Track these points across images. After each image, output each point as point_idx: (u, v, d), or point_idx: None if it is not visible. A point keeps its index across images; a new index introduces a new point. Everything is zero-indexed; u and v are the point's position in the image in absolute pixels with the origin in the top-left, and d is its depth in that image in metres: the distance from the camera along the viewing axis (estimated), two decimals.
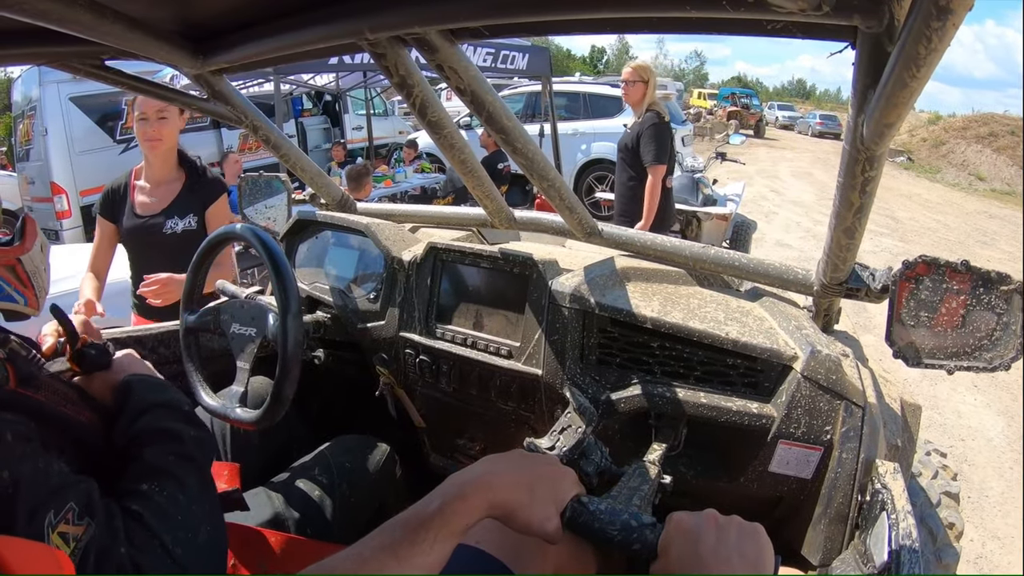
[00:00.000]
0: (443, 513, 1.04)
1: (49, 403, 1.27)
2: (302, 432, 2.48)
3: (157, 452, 1.32)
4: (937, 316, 1.51)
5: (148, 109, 3.29)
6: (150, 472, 1.28)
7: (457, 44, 1.40)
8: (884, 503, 1.45)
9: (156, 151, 3.40)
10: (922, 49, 0.79)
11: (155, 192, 3.49)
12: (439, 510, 1.04)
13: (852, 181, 1.27)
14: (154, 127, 3.32)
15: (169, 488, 1.26)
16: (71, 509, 1.06)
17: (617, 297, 1.95)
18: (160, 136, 3.36)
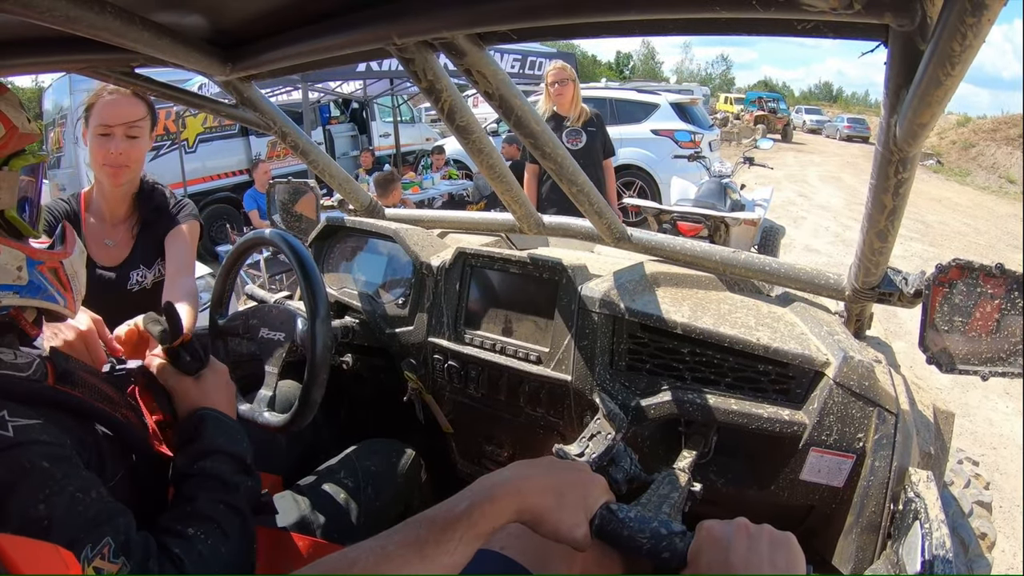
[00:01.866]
0: (471, 514, 1.03)
1: (87, 400, 1.29)
2: (329, 436, 2.48)
3: (209, 500, 1.33)
4: (971, 321, 1.48)
5: (114, 122, 2.47)
6: (198, 518, 1.29)
7: (485, 48, 1.40)
8: (917, 512, 1.42)
9: (120, 180, 2.58)
10: (956, 46, 0.78)
11: (112, 234, 2.70)
12: (467, 511, 1.04)
13: (885, 183, 1.26)
14: (120, 148, 2.50)
15: (214, 537, 1.28)
16: (107, 544, 1.08)
17: (647, 302, 1.95)
18: (128, 161, 2.55)
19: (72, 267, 1.43)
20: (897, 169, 1.21)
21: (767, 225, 8.88)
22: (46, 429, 1.12)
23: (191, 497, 1.33)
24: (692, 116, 13.83)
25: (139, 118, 2.51)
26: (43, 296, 1.35)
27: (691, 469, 1.70)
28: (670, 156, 12.41)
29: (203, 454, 1.41)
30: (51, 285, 1.37)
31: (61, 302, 1.39)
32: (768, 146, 11.10)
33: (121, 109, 2.47)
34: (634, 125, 12.97)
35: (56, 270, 1.38)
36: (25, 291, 1.31)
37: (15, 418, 1.09)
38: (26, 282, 1.31)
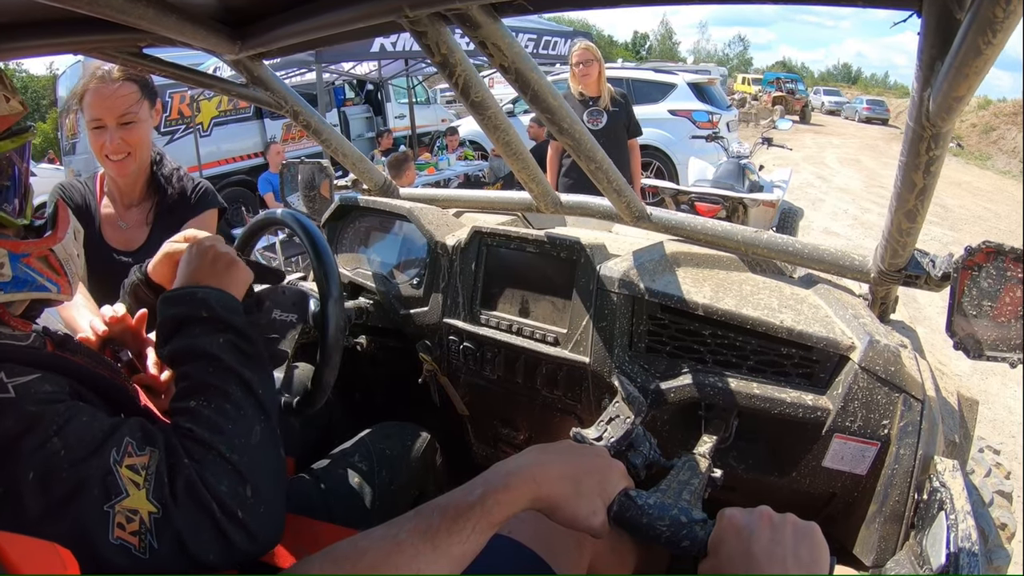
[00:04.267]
0: (485, 503, 1.02)
1: (87, 365, 1.30)
2: (343, 418, 2.47)
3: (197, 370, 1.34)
4: (1000, 306, 1.44)
5: (105, 114, 2.42)
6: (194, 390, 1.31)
7: (500, 20, 1.36)
8: (942, 502, 1.39)
9: (125, 169, 2.54)
10: (1000, 11, 0.74)
11: (126, 216, 2.68)
12: (481, 499, 1.02)
13: (916, 160, 1.22)
14: (117, 137, 2.45)
15: (216, 400, 1.29)
16: (129, 443, 1.11)
17: (667, 283, 1.91)
18: (129, 148, 2.50)
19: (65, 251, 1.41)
20: (929, 146, 1.17)
21: (785, 207, 8.86)
22: (46, 380, 1.14)
23: (183, 375, 1.34)
24: (710, 96, 13.82)
25: (130, 105, 2.44)
26: (31, 288, 1.34)
27: (711, 454, 1.66)
28: (687, 136, 12.44)
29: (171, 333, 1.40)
30: (40, 275, 1.36)
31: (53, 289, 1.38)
32: (787, 127, 11.08)
33: (109, 100, 2.41)
34: (651, 105, 12.94)
35: (46, 257, 1.37)
36: (10, 286, 1.30)
37: (14, 377, 1.10)
38: (10, 278, 1.30)
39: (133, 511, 1.06)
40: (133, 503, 1.06)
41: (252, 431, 1.29)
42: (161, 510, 1.08)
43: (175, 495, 1.11)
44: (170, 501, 1.09)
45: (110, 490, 1.05)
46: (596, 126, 5.82)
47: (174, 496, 1.10)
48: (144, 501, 1.07)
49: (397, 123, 17.29)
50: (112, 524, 1.04)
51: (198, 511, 1.12)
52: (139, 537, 1.05)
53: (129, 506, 1.06)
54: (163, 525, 1.07)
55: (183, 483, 1.12)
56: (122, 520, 1.04)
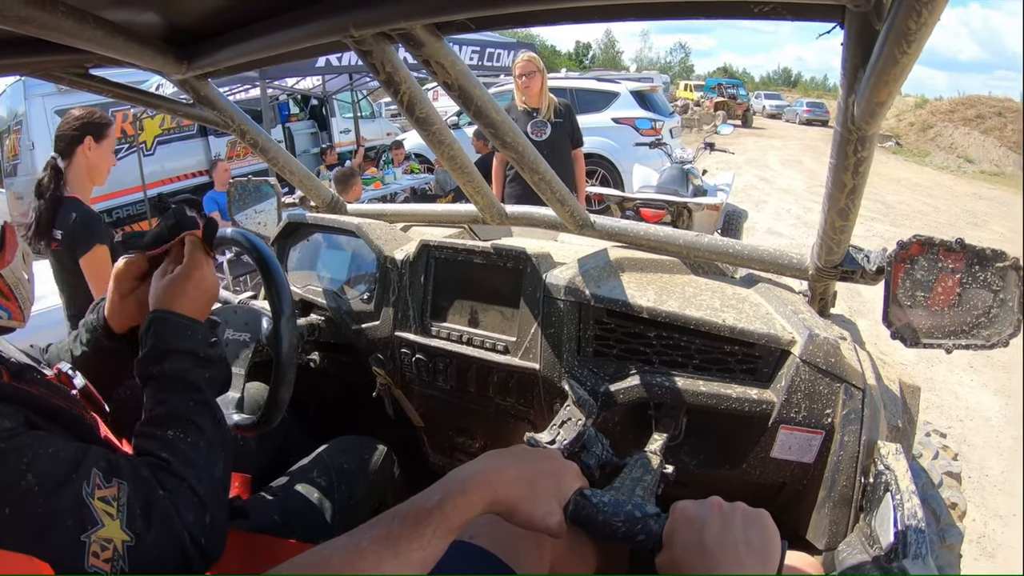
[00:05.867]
0: (443, 508, 1.04)
1: (43, 396, 1.28)
2: (299, 435, 2.47)
3: (179, 400, 1.36)
4: (933, 295, 1.52)
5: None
6: (173, 419, 1.32)
7: (443, 38, 1.39)
8: (888, 484, 1.45)
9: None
10: (912, 24, 0.79)
11: None
12: (439, 504, 1.04)
13: (844, 162, 1.28)
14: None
15: (192, 434, 1.31)
16: (96, 475, 1.11)
17: (612, 288, 1.96)
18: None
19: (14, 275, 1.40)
20: (856, 148, 1.23)
21: (730, 209, 8.99)
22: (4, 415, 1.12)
23: (161, 400, 1.35)
24: (652, 104, 13.99)
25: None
26: None
27: (663, 451, 1.71)
28: (631, 144, 12.57)
29: (157, 357, 1.40)
30: None
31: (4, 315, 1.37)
32: (728, 131, 11.20)
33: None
34: (595, 114, 13.07)
35: None
36: None
37: None
38: None
39: (107, 540, 1.06)
40: (107, 533, 1.07)
41: (217, 465, 1.32)
42: (135, 539, 1.09)
43: (150, 525, 1.12)
44: (144, 531, 1.11)
45: (85, 521, 1.05)
46: (540, 137, 5.89)
47: (149, 526, 1.12)
48: (118, 531, 1.08)
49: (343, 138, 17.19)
50: (87, 553, 1.04)
51: (170, 540, 1.14)
52: (111, 564, 1.06)
53: (104, 535, 1.06)
54: (136, 553, 1.08)
55: (159, 514, 1.14)
56: (96, 549, 1.05)
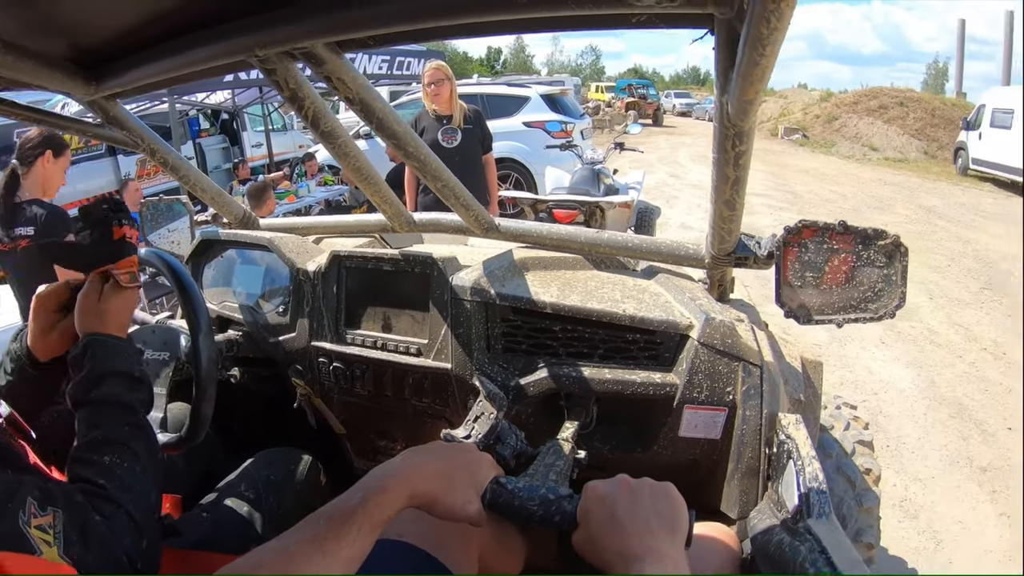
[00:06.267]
0: (366, 506, 1.07)
1: None
2: (225, 452, 2.47)
3: (114, 424, 1.37)
4: (823, 275, 1.63)
5: None
6: (109, 444, 1.33)
7: (343, 55, 1.43)
8: (790, 452, 1.54)
9: None
10: (764, 30, 0.86)
11: None
12: (362, 503, 1.07)
13: (725, 156, 1.35)
14: None
15: (128, 460, 1.33)
16: (31, 503, 1.10)
17: (517, 286, 2.03)
18: None
19: None
20: (734, 143, 1.30)
21: (642, 207, 9.19)
22: None
23: (95, 424, 1.37)
24: (563, 106, 14.21)
25: None
26: None
27: (575, 438, 1.79)
28: (543, 147, 12.67)
29: (95, 381, 1.42)
30: None
31: None
32: (637, 131, 11.37)
33: None
34: (506, 119, 13.19)
35: None
36: None
37: None
38: None
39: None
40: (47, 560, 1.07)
41: (152, 490, 1.35)
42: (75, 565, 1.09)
43: (88, 551, 1.13)
44: (82, 556, 1.11)
45: (23, 550, 1.05)
46: (451, 144, 5.94)
47: (87, 552, 1.12)
48: (56, 557, 1.08)
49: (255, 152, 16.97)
50: None
51: (108, 565, 1.15)
52: None
53: None
54: None
55: (97, 540, 1.15)
56: None
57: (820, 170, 23.84)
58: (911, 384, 6.60)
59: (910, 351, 7.43)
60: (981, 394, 6.48)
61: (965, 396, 6.41)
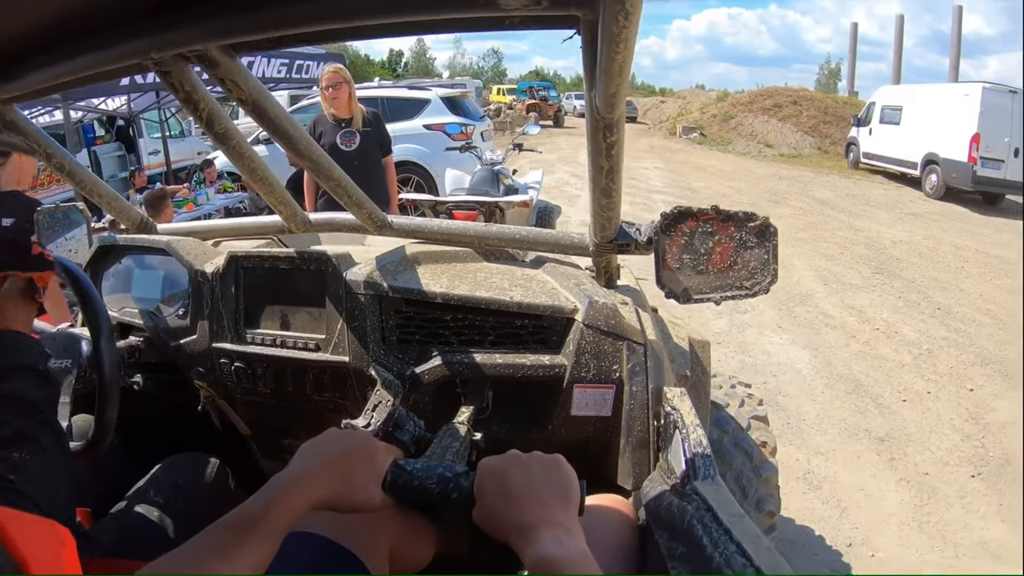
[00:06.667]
0: (268, 515, 1.10)
1: None
2: (133, 461, 2.44)
3: (21, 420, 1.36)
4: (698, 256, 1.75)
5: None
6: (17, 440, 1.33)
7: (237, 58, 1.45)
8: (676, 423, 1.65)
9: None
10: (615, 28, 0.93)
11: None
12: (264, 511, 1.10)
13: (598, 147, 1.42)
14: None
15: (36, 455, 1.32)
16: None
17: (409, 279, 2.09)
18: None
19: None
20: (605, 134, 1.37)
21: (542, 206, 9.39)
22: None
23: (5, 422, 1.36)
24: (463, 109, 14.35)
25: None
26: None
27: (471, 422, 1.86)
28: (443, 149, 12.68)
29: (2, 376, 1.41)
30: None
31: None
32: (535, 132, 11.50)
33: None
34: (407, 122, 13.24)
35: None
36: None
37: None
38: None
39: None
40: None
41: (62, 485, 1.35)
42: None
43: None
44: None
45: None
46: (350, 147, 5.96)
47: None
48: None
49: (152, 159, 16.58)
50: None
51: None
52: None
53: None
54: None
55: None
56: None
57: (717, 167, 24.51)
58: (808, 364, 6.94)
59: (806, 334, 7.80)
60: (875, 370, 6.90)
61: (860, 373, 6.80)
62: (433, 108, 13.84)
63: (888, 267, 11.38)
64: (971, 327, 8.59)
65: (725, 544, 1.19)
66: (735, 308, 8.34)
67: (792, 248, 12.15)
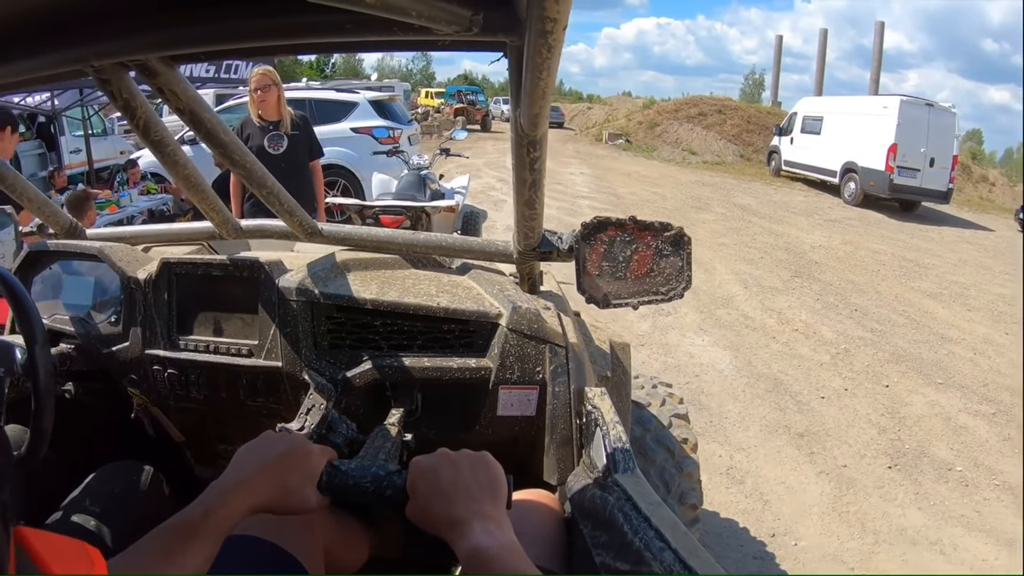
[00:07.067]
0: (209, 520, 1.15)
1: None
2: (66, 470, 2.42)
3: None
4: (617, 263, 1.88)
5: None
6: None
7: (175, 68, 1.48)
8: (597, 420, 1.74)
9: None
10: (539, 58, 1.01)
11: None
12: (204, 516, 1.15)
13: (522, 161, 1.51)
14: None
15: None
16: None
17: (339, 286, 2.15)
18: None
19: None
20: (529, 150, 1.46)
21: (468, 210, 9.46)
22: None
23: None
24: (391, 112, 14.39)
25: None
26: None
27: (401, 423, 1.93)
28: (370, 153, 12.97)
29: None
30: None
31: None
32: (462, 137, 11.62)
33: None
34: (334, 124, 13.22)
35: None
36: None
37: None
38: None
39: None
40: None
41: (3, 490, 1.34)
42: None
43: None
44: None
45: None
46: (277, 150, 5.95)
47: None
48: None
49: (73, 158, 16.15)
50: None
51: None
52: None
53: None
54: None
55: None
56: None
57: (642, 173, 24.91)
58: (729, 365, 7.19)
59: (727, 335, 8.06)
60: (794, 369, 7.18)
61: (780, 372, 7.07)
62: (361, 111, 13.88)
63: (807, 270, 11.79)
64: (887, 327, 8.99)
65: (644, 530, 1.28)
66: (658, 311, 8.52)
67: (714, 253, 12.50)
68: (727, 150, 32.92)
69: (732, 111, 36.80)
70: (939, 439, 6.02)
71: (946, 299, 10.94)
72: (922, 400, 6.79)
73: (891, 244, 15.33)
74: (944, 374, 7.52)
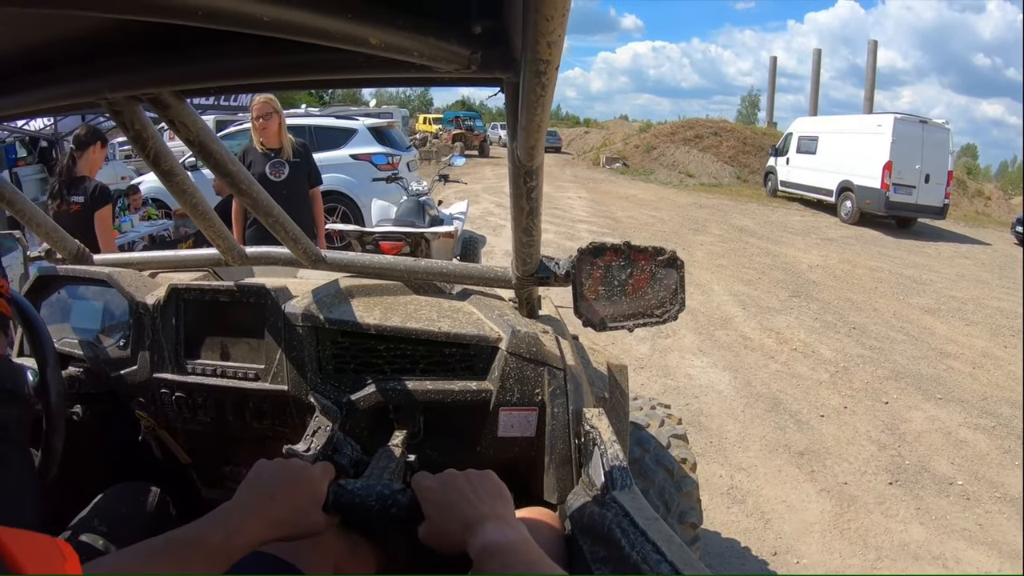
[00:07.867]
0: (228, 544, 1.20)
1: None
2: (74, 490, 2.44)
3: None
4: (612, 288, 1.94)
5: None
6: None
7: (185, 101, 1.54)
8: (595, 440, 1.80)
9: None
10: (533, 95, 1.07)
11: None
12: (225, 540, 1.20)
13: (519, 191, 1.56)
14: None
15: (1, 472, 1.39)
16: None
17: (343, 312, 2.20)
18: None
19: None
20: (526, 179, 1.51)
21: (466, 236, 9.51)
22: None
23: None
24: (389, 139, 14.44)
25: None
26: None
27: (404, 444, 1.98)
28: (369, 179, 13.00)
29: None
30: None
31: None
32: (461, 163, 11.64)
33: None
34: (334, 151, 13.26)
35: None
36: None
37: None
38: None
39: None
40: None
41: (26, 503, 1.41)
42: None
43: None
44: None
45: None
46: (278, 178, 6.00)
47: None
48: None
49: None
50: None
51: None
52: None
53: None
54: None
55: None
56: None
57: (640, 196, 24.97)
58: (729, 385, 7.21)
59: (726, 356, 8.07)
60: (793, 388, 7.21)
61: (779, 392, 7.10)
62: (360, 138, 13.95)
63: (805, 290, 11.83)
64: (885, 344, 9.02)
65: (642, 544, 1.33)
66: (657, 333, 8.56)
67: (712, 274, 12.54)
68: (724, 172, 33.08)
69: (728, 133, 37.01)
70: (939, 454, 6.06)
71: (944, 314, 11.02)
72: (922, 416, 6.84)
73: (888, 261, 15.44)
74: (943, 389, 7.56)
